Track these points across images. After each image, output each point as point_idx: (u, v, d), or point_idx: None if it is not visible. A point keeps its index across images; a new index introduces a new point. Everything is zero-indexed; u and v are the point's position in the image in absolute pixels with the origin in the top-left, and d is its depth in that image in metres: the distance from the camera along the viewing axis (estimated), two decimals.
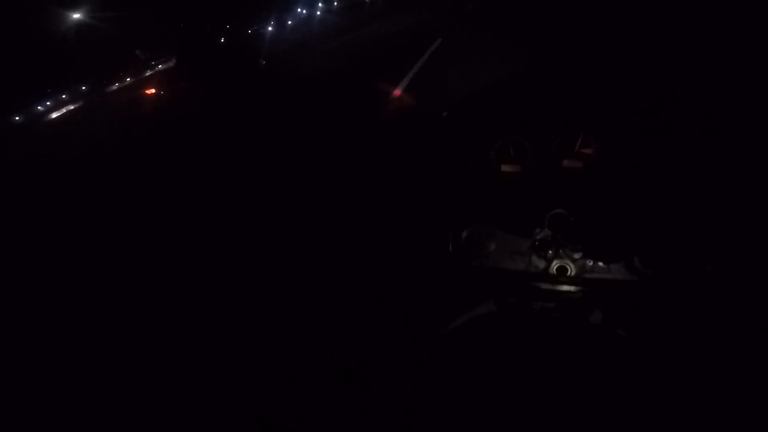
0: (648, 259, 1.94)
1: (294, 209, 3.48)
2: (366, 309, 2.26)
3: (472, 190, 2.30)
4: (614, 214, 1.98)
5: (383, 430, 1.47)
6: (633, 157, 2.06)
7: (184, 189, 4.04)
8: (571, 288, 2.05)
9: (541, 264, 2.12)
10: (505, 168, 2.27)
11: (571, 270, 2.06)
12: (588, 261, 2.07)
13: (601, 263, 2.05)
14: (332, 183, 3.63)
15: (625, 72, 2.39)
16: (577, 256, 2.05)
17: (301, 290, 2.41)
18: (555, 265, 2.07)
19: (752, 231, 1.78)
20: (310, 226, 3.15)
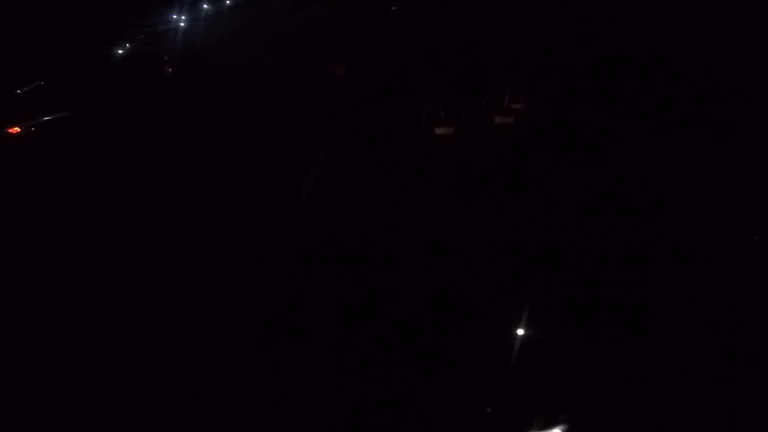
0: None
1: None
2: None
3: (408, 155, 2.23)
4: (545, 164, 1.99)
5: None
6: (560, 110, 2.08)
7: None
8: None
9: None
10: (439, 131, 2.22)
11: None
12: None
13: None
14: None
15: (548, 27, 2.40)
16: None
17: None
18: None
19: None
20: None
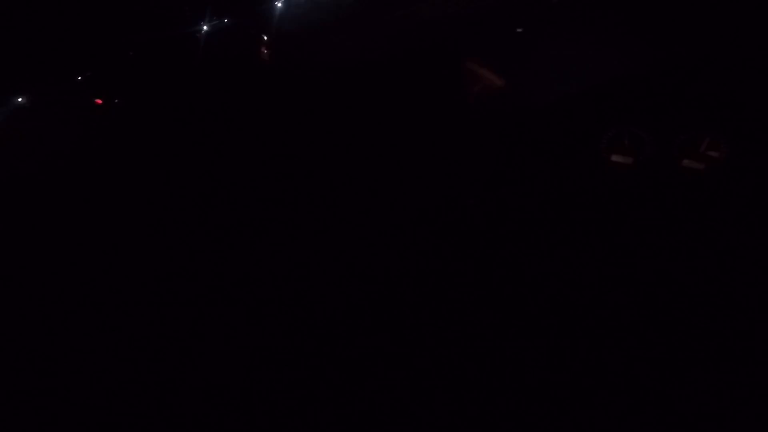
0: None
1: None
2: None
3: (576, 177, 2.24)
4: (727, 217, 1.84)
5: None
6: (761, 166, 1.89)
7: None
8: None
9: None
10: (616, 158, 2.18)
11: None
12: None
13: None
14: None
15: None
16: None
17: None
18: None
19: None
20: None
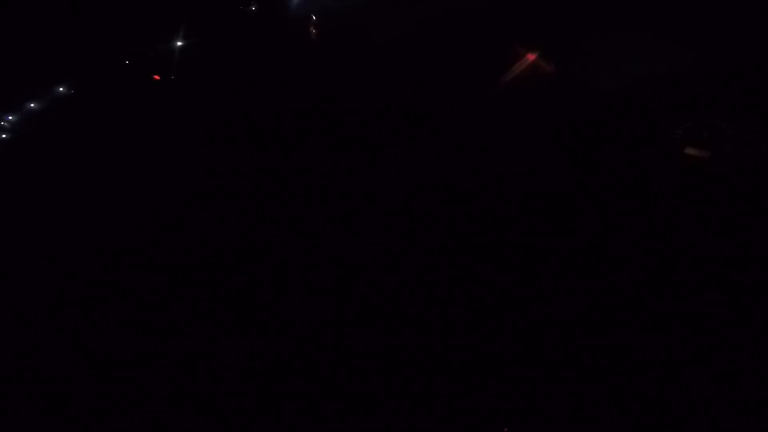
0: None
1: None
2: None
3: (644, 170, 2.10)
4: None
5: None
6: None
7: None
8: None
9: None
10: (690, 151, 2.00)
11: None
12: None
13: None
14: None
15: None
16: None
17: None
18: None
19: None
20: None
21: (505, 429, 1.63)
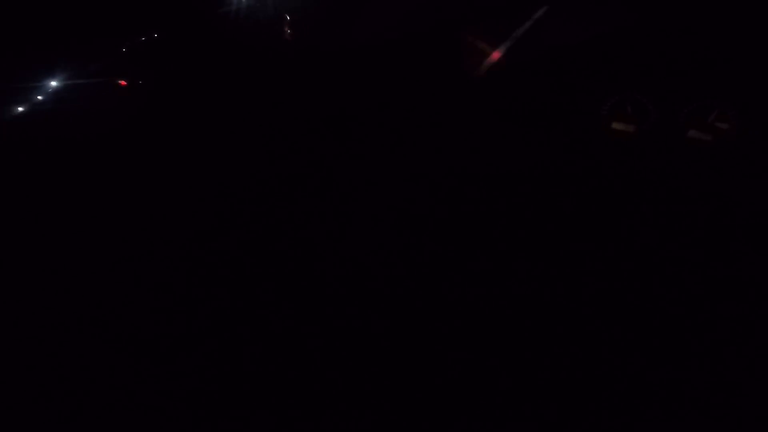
0: None
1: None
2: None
3: (574, 144, 2.11)
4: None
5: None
6: None
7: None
8: None
9: None
10: (617, 125, 2.04)
11: None
12: None
13: None
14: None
15: None
16: None
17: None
18: None
19: None
20: None
21: None
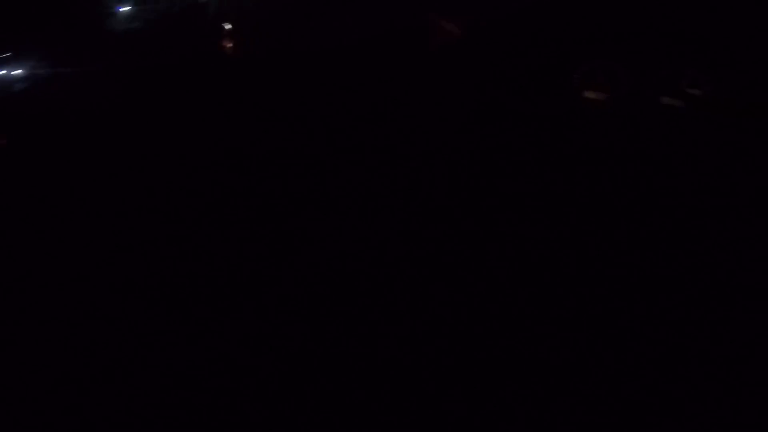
0: None
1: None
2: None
3: (546, 114, 2.04)
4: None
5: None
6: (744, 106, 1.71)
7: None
8: None
9: None
10: (589, 94, 1.98)
11: None
12: None
13: None
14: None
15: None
16: None
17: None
18: None
19: None
20: None
21: None
